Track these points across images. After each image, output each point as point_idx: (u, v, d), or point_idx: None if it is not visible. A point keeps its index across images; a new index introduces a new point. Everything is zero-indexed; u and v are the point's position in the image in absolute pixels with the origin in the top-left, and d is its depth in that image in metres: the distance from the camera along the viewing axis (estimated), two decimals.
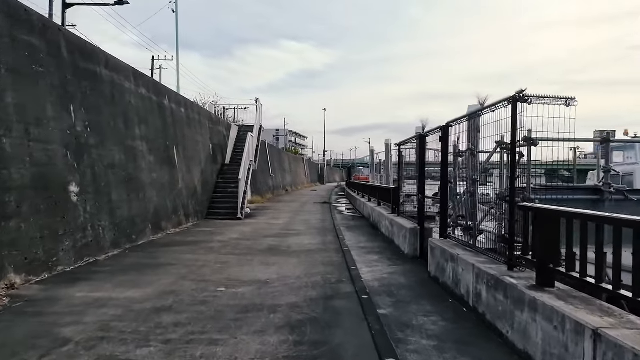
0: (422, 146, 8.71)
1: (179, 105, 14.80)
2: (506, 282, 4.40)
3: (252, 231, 12.72)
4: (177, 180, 13.56)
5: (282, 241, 10.89)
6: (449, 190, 8.37)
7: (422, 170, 8.81)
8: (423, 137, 8.67)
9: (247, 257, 8.75)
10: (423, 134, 8.64)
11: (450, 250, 6.22)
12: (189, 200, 14.29)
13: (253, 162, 21.44)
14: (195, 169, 15.63)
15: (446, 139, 7.26)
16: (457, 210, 7.90)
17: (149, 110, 12.05)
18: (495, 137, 6.29)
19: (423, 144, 8.71)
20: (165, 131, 13.12)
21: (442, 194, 7.30)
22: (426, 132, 8.51)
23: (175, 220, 12.79)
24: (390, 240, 11.01)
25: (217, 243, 10.40)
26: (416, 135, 9.06)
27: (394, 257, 9.05)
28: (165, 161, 12.82)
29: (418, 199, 8.81)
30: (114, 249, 8.92)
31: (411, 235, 8.94)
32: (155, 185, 11.70)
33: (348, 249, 9.84)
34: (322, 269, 7.71)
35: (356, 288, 6.43)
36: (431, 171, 11.42)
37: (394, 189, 12.00)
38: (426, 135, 8.61)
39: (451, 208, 7.73)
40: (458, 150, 8.95)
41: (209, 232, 12.35)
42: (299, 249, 9.77)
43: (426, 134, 8.59)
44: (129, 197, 10.05)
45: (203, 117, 17.81)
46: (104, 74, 9.70)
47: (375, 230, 13.44)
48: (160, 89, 13.18)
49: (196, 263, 8.04)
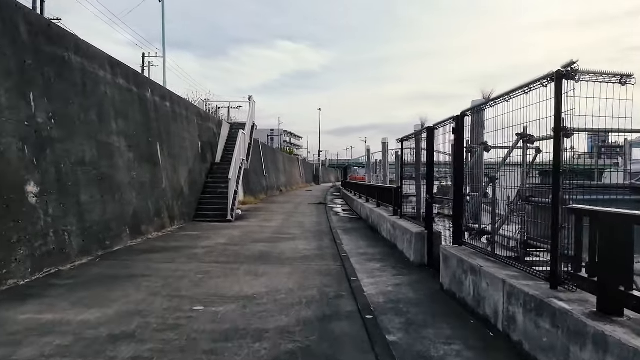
0: (431, 140, 7.75)
1: (164, 99, 13.77)
2: (554, 306, 3.44)
3: (242, 235, 11.71)
4: (161, 179, 12.53)
5: (274, 246, 9.90)
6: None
7: (430, 168, 7.85)
8: (432, 129, 7.71)
9: (233, 265, 7.75)
10: (432, 127, 7.68)
11: (470, 261, 5.26)
12: (174, 202, 13.26)
13: (245, 161, 20.41)
14: (181, 168, 14.59)
15: (461, 131, 6.30)
16: (468, 213, 6.96)
17: (128, 103, 11.02)
18: (508, 129, 5.43)
19: (432, 138, 7.75)
20: (147, 126, 12.08)
21: (457, 195, 6.34)
22: (436, 124, 7.55)
23: (158, 223, 11.76)
24: (392, 244, 10.04)
25: (202, 249, 9.39)
26: (424, 128, 8.10)
27: (399, 265, 8.08)
28: (147, 159, 11.78)
29: (426, 200, 7.85)
30: (83, 257, 7.89)
31: (417, 240, 7.98)
32: (134, 185, 10.67)
33: (347, 256, 8.86)
34: (319, 280, 6.73)
35: (358, 305, 5.45)
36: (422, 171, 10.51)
37: (395, 189, 11.04)
38: (435, 128, 7.66)
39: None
40: (468, 146, 8.03)
41: (194, 236, 11.32)
42: (293, 256, 8.78)
43: (436, 126, 7.63)
44: (102, 198, 9.02)
45: (191, 112, 16.78)
46: (73, 60, 8.67)
47: (375, 233, 12.47)
48: (141, 80, 12.15)
49: (174, 274, 7.03)
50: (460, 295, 5.54)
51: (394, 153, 36.07)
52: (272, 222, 15.00)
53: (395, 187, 11.07)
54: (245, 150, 20.78)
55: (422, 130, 8.43)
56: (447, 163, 10.96)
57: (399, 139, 10.63)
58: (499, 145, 6.35)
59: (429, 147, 7.79)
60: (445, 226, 10.10)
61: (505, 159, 6.57)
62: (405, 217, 10.12)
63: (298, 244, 10.26)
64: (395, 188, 11.09)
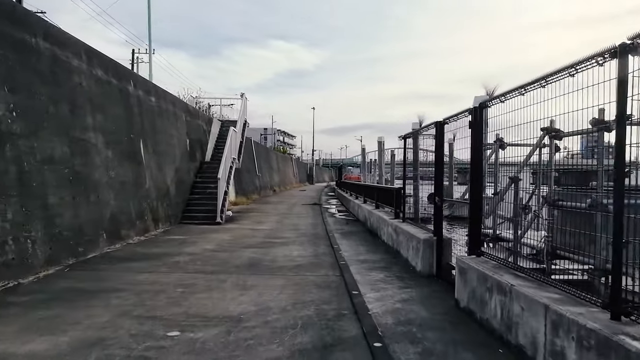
0: (441, 136, 6.95)
1: (148, 93, 12.86)
2: (628, 347, 2.63)
3: (232, 239, 10.85)
4: (144, 179, 11.64)
5: (266, 253, 9.05)
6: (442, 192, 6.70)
7: (439, 166, 7.04)
8: (442, 124, 6.91)
9: (219, 276, 6.89)
10: (442, 121, 6.87)
11: (496, 277, 4.45)
12: (158, 203, 12.36)
13: (236, 160, 19.54)
14: (167, 167, 13.69)
15: (478, 126, 5.49)
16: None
17: (107, 96, 10.11)
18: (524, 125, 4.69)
19: (442, 134, 6.94)
20: (129, 122, 11.18)
21: (474, 197, 5.53)
22: (447, 118, 6.75)
23: (140, 226, 10.86)
24: (395, 251, 9.23)
25: (186, 256, 8.52)
26: (432, 123, 7.30)
27: (405, 275, 7.26)
28: (129, 157, 10.89)
29: (435, 202, 7.03)
30: (50, 267, 7.00)
31: (426, 247, 7.17)
32: (113, 186, 9.77)
33: (346, 264, 8.04)
34: (316, 295, 5.90)
35: (363, 328, 4.63)
36: (426, 171, 9.77)
37: (397, 190, 10.23)
38: (445, 123, 6.85)
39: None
40: (498, 140, 7.23)
41: (179, 241, 10.45)
42: (286, 264, 7.94)
43: (446, 120, 6.83)
44: (74, 200, 8.13)
45: (179, 108, 15.87)
46: (41, 47, 7.77)
47: (374, 237, 11.65)
48: (123, 72, 11.25)
49: (151, 287, 6.16)
50: (482, 316, 4.73)
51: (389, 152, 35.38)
52: (264, 225, 14.14)
53: (397, 187, 10.26)
54: (236, 149, 19.91)
55: (429, 125, 7.62)
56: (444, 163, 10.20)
57: (401, 136, 9.82)
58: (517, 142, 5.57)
59: (438, 143, 6.98)
60: (446, 229, 9.31)
61: (529, 156, 5.78)
62: (408, 220, 9.31)
63: (292, 250, 9.42)
64: (397, 189, 10.28)
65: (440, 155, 6.99)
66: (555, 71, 3.76)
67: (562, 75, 3.71)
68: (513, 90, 4.50)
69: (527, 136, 5.07)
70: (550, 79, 3.90)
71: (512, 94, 4.53)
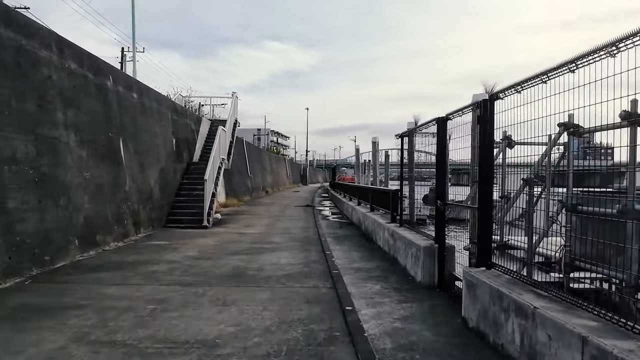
0: (443, 133, 6.30)
1: (129, 89, 12.12)
2: None
3: (217, 244, 10.15)
4: (124, 180, 10.90)
5: (253, 260, 8.36)
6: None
7: (442, 167, 6.39)
8: (444, 120, 6.26)
9: (198, 289, 6.19)
10: (445, 117, 6.23)
11: (513, 295, 3.79)
12: (140, 206, 11.63)
13: (225, 160, 18.82)
14: (151, 168, 12.96)
15: (489, 120, 4.84)
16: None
17: (81, 91, 9.37)
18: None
19: (444, 131, 6.30)
20: (107, 119, 10.44)
21: (483, 202, 4.88)
22: (450, 113, 6.10)
23: (119, 231, 10.13)
24: (391, 257, 8.58)
25: (165, 264, 7.81)
26: (433, 119, 6.64)
27: (403, 286, 6.60)
28: (107, 157, 10.15)
29: (437, 206, 6.38)
30: (8, 279, 6.26)
31: (426, 256, 6.51)
32: (87, 188, 9.03)
33: (339, 273, 7.37)
34: (305, 312, 5.22)
35: (358, 355, 3.96)
36: (421, 172, 9.15)
37: (394, 192, 9.58)
38: (448, 118, 6.20)
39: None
40: (506, 138, 6.61)
41: (160, 247, 9.72)
42: (273, 273, 7.25)
43: (449, 115, 6.18)
44: (40, 204, 7.39)
45: (164, 106, 15.14)
46: (3, 35, 7.03)
47: (369, 242, 10.99)
48: (100, 66, 10.51)
49: (119, 303, 5.46)
50: (496, 341, 4.08)
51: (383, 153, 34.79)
52: (253, 228, 13.44)
53: (394, 189, 9.61)
54: (225, 149, 19.19)
55: (430, 121, 6.97)
56: (432, 163, 9.55)
57: (398, 135, 9.17)
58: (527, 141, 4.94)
59: (440, 141, 6.33)
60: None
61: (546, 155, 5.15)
62: (406, 225, 8.67)
63: (281, 257, 8.73)
64: (393, 191, 9.62)
65: (443, 154, 6.34)
66: (591, 51, 3.10)
67: (598, 56, 3.06)
68: (534, 77, 3.84)
69: (538, 134, 4.43)
70: (582, 62, 3.25)
71: (533, 82, 3.87)
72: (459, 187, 9.04)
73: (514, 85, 4.22)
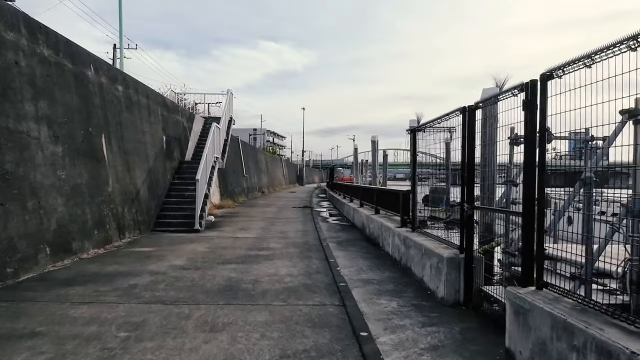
0: (471, 125, 5.37)
1: (114, 81, 11.14)
2: None
3: (208, 252, 9.18)
4: (106, 180, 9.92)
5: (247, 270, 7.40)
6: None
7: (470, 164, 5.45)
8: (472, 109, 5.34)
9: (182, 309, 5.23)
10: (474, 105, 5.30)
11: (590, 331, 2.87)
12: (125, 208, 10.64)
13: (219, 159, 17.85)
14: (138, 167, 11.98)
15: (541, 104, 3.91)
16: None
17: (56, 81, 8.39)
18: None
19: (472, 122, 5.37)
20: (86, 113, 9.45)
21: (529, 206, 3.95)
22: (481, 101, 5.17)
23: (99, 236, 9.14)
24: (404, 267, 7.65)
25: (147, 276, 6.84)
26: (457, 109, 5.71)
27: (423, 303, 5.66)
28: (86, 154, 9.16)
29: (463, 209, 5.44)
30: None
31: (451, 268, 5.58)
32: (62, 189, 8.05)
33: (346, 286, 6.43)
34: (311, 340, 4.28)
35: None
36: (418, 172, 8.28)
37: (404, 193, 8.64)
38: (477, 107, 5.28)
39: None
40: (515, 135, 5.71)
41: (145, 254, 8.75)
42: (271, 287, 6.30)
43: (478, 103, 5.26)
44: (3, 207, 6.41)
45: (154, 102, 14.14)
46: None
47: (375, 248, 10.06)
48: (80, 54, 9.52)
49: (84, 329, 4.49)
50: None
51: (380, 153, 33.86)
52: (249, 232, 12.48)
53: (405, 191, 8.67)
54: (220, 147, 18.23)
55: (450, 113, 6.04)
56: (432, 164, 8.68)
57: (409, 129, 8.23)
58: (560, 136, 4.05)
59: (468, 133, 5.40)
60: (444, 234, 7.76)
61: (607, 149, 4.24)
62: (420, 230, 7.75)
63: (279, 266, 7.78)
64: (404, 192, 8.68)
65: (472, 149, 5.40)
66: None
67: None
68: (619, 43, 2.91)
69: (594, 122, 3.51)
70: None
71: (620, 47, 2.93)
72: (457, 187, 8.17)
73: (583, 58, 3.28)
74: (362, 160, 48.37)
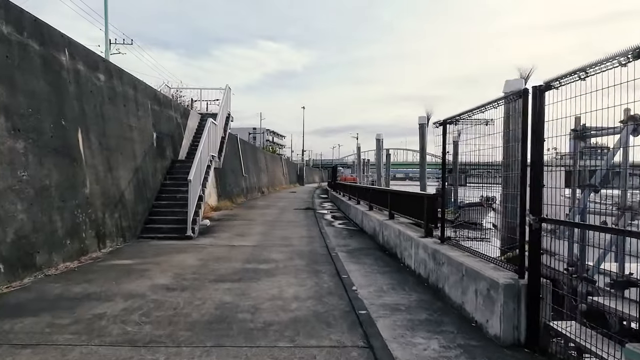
0: (540, 110, 4.06)
1: (94, 69, 9.82)
2: None
3: (200, 265, 7.88)
4: (83, 181, 8.61)
5: (245, 291, 6.10)
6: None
7: (537, 159, 4.12)
8: (542, 90, 4.03)
9: (157, 356, 3.93)
10: (542, 86, 3.99)
11: None
12: (105, 213, 9.34)
13: (216, 158, 16.54)
14: (123, 166, 10.67)
15: None
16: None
17: (18, 65, 7.08)
18: None
19: (541, 106, 4.06)
20: (58, 103, 8.14)
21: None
22: (555, 79, 3.86)
23: (72, 247, 7.84)
24: (433, 287, 6.35)
25: (120, 302, 5.53)
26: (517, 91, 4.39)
27: (473, 342, 4.36)
28: (57, 151, 7.86)
29: (529, 222, 4.12)
30: None
31: (508, 299, 4.27)
32: (23, 192, 6.74)
33: (368, 314, 5.13)
34: None
35: None
36: (409, 171, 7.00)
37: (430, 197, 7.33)
38: (549, 87, 3.96)
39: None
40: (582, 127, 4.42)
41: (124, 269, 7.44)
42: (275, 318, 5.00)
43: (550, 83, 3.94)
44: None
45: (142, 94, 12.83)
46: None
47: (392, 259, 8.75)
48: (51, 35, 8.20)
49: None
50: None
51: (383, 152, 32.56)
52: (247, 239, 11.17)
53: (431, 194, 7.37)
54: (216, 145, 16.93)
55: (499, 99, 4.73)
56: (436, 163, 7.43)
57: (438, 122, 6.89)
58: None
59: (538, 120, 4.09)
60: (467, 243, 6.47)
61: None
62: (452, 242, 6.46)
63: (283, 285, 6.48)
64: (429, 196, 7.38)
65: (540, 141, 4.08)
66: None
67: None
68: None
69: None
70: None
71: None
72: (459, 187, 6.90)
73: None
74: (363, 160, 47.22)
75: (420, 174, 21.44)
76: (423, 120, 21.08)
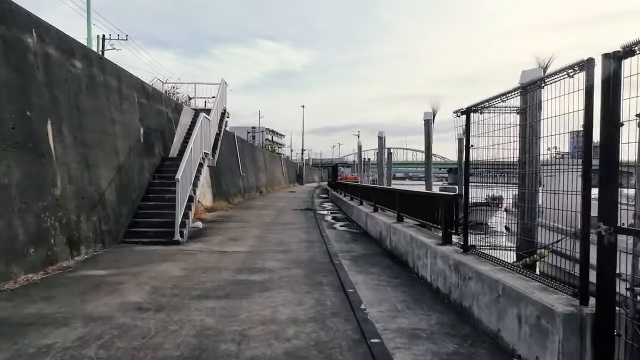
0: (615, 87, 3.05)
1: (69, 55, 8.80)
2: None
3: (184, 276, 6.88)
4: (53, 180, 7.60)
5: (232, 312, 5.09)
6: None
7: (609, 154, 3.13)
8: (619, 57, 3.02)
9: None
10: (621, 52, 2.98)
11: None
12: (82, 216, 8.33)
13: (210, 156, 15.54)
14: (104, 163, 9.66)
15: None
16: None
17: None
18: None
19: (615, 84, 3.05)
20: (23, 92, 7.14)
21: None
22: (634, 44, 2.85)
23: (37, 256, 6.83)
24: (456, 304, 5.35)
25: (78, 328, 4.52)
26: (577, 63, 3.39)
27: None
28: (20, 146, 6.85)
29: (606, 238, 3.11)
30: None
31: (570, 334, 3.26)
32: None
33: (383, 347, 4.13)
34: None
35: None
36: (409, 170, 6.03)
37: (449, 199, 6.31)
38: (630, 52, 2.96)
39: None
40: None
41: (94, 282, 6.43)
42: (266, 353, 3.98)
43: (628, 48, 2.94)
44: None
45: (127, 86, 11.81)
46: None
47: (403, 268, 7.76)
48: (13, 13, 7.18)
49: None
50: None
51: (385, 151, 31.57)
52: (241, 244, 10.17)
53: (451, 195, 6.36)
54: (210, 142, 15.93)
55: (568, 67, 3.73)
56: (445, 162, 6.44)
57: (460, 111, 5.88)
58: None
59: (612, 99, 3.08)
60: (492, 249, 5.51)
61: None
62: (474, 250, 5.47)
63: (278, 304, 5.47)
64: (448, 198, 6.35)
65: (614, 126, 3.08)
66: None
67: None
68: None
69: None
70: None
71: None
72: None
73: None
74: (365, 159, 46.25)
75: (426, 173, 20.50)
76: (429, 117, 20.10)
